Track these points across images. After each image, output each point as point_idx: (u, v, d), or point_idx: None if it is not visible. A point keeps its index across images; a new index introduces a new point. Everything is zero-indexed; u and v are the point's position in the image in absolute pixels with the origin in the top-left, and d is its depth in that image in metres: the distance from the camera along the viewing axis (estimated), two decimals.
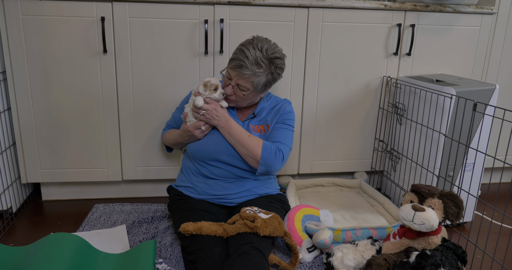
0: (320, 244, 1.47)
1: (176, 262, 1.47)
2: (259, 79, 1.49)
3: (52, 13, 1.67)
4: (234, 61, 1.49)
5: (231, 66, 1.50)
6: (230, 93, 1.52)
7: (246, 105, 1.61)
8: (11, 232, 1.68)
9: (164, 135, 1.74)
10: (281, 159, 1.55)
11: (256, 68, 1.46)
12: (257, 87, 1.51)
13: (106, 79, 1.78)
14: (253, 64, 1.45)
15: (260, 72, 1.47)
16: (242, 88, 1.50)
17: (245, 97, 1.53)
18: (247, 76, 1.47)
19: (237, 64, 1.47)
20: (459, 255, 1.29)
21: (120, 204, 1.91)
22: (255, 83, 1.49)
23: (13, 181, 1.82)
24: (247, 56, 1.45)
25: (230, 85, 1.51)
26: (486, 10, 1.97)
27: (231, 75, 1.50)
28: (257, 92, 1.55)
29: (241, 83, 1.49)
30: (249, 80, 1.48)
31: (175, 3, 1.73)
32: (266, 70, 1.49)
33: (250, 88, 1.50)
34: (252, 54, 1.45)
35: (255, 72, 1.46)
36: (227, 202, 1.60)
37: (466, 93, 1.63)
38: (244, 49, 1.47)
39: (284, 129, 1.61)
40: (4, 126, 1.75)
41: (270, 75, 1.51)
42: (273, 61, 1.50)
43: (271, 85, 1.57)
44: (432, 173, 1.72)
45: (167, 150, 1.80)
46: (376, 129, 2.08)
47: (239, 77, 1.48)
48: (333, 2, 1.83)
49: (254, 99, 1.59)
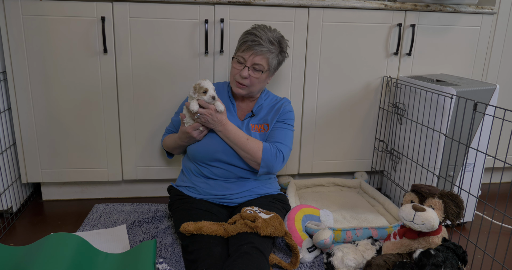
0: (321, 244, 1.47)
1: (177, 262, 1.47)
2: (273, 57, 1.55)
3: (52, 13, 1.67)
4: (246, 42, 1.53)
5: (243, 49, 1.54)
6: (246, 76, 1.53)
7: (256, 92, 1.62)
8: (12, 232, 1.68)
9: (164, 140, 1.73)
10: (282, 160, 1.55)
11: (270, 45, 1.52)
12: (271, 65, 1.56)
13: (106, 79, 1.78)
14: (267, 41, 1.52)
15: (273, 49, 1.54)
16: (258, 68, 1.53)
17: (260, 79, 1.56)
18: (263, 52, 1.51)
19: (251, 43, 1.51)
20: (460, 255, 1.29)
21: (121, 204, 1.91)
22: (270, 61, 1.54)
23: (13, 181, 1.82)
24: (259, 36, 1.51)
25: (245, 67, 1.53)
26: (486, 10, 1.97)
27: (245, 57, 1.53)
28: (270, 72, 1.59)
29: (257, 61, 1.52)
30: (264, 56, 1.52)
31: (175, 3, 1.73)
32: (277, 48, 1.56)
33: (266, 67, 1.54)
34: (263, 33, 1.52)
35: (269, 48, 1.52)
36: (227, 202, 1.60)
37: (467, 93, 1.63)
38: (254, 31, 1.53)
39: (284, 129, 1.61)
40: (4, 126, 1.75)
41: (280, 55, 1.58)
42: (281, 40, 1.57)
43: (279, 66, 1.63)
44: (432, 173, 1.72)
45: (168, 155, 1.79)
46: (377, 129, 2.08)
47: (255, 56, 1.52)
48: (333, 2, 1.83)
49: (264, 84, 1.62)
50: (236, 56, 1.56)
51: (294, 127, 1.97)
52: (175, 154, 1.76)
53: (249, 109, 1.68)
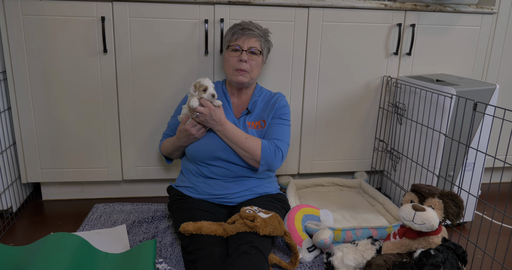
0: (320, 244, 1.47)
1: (176, 261, 1.47)
2: (263, 41, 1.63)
3: (52, 13, 1.67)
4: (236, 31, 1.60)
5: (236, 38, 1.60)
6: (245, 59, 1.58)
7: (255, 78, 1.65)
8: (11, 232, 1.68)
9: (162, 145, 1.72)
10: (281, 157, 1.56)
11: (258, 30, 1.61)
12: (264, 49, 1.63)
13: (106, 79, 1.78)
14: (254, 27, 1.61)
15: (262, 34, 1.62)
16: (255, 51, 1.60)
17: (257, 62, 1.61)
18: (255, 35, 1.60)
19: (241, 30, 1.59)
20: (460, 255, 1.29)
21: (120, 204, 1.91)
22: (262, 45, 1.63)
23: (13, 181, 1.82)
24: (247, 24, 1.62)
25: (243, 52, 1.58)
26: (486, 10, 1.97)
27: (240, 44, 1.59)
28: (264, 57, 1.66)
29: (252, 44, 1.59)
30: (257, 39, 1.61)
31: (175, 3, 1.73)
32: (265, 35, 1.65)
33: (260, 49, 1.62)
34: (248, 23, 1.63)
35: (258, 33, 1.61)
36: (227, 201, 1.60)
37: (466, 93, 1.63)
38: (239, 23, 1.64)
39: (281, 124, 1.62)
40: (4, 126, 1.75)
41: (267, 42, 1.66)
42: (265, 29, 1.67)
43: (268, 52, 1.70)
44: (432, 173, 1.72)
45: (167, 160, 1.78)
46: (376, 129, 2.08)
47: (249, 39, 1.59)
48: (333, 2, 1.83)
49: (260, 71, 1.66)
50: (231, 45, 1.60)
51: (294, 127, 1.97)
52: (174, 158, 1.76)
53: (244, 105, 1.68)
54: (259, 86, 1.75)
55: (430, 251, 1.25)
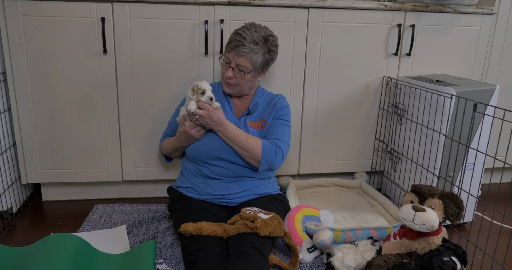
0: (321, 245, 1.46)
1: (176, 262, 1.47)
2: (257, 57, 1.54)
3: (52, 13, 1.67)
4: (231, 43, 1.54)
5: (228, 49, 1.55)
6: (231, 76, 1.55)
7: (246, 90, 1.62)
8: (11, 233, 1.68)
9: (162, 144, 1.73)
10: (281, 157, 1.56)
11: (253, 45, 1.52)
12: (256, 65, 1.55)
13: (106, 80, 1.78)
14: (250, 42, 1.51)
15: (257, 49, 1.53)
16: (242, 69, 1.54)
17: (245, 78, 1.56)
18: (246, 53, 1.51)
19: (235, 44, 1.52)
20: (460, 255, 1.29)
21: (120, 205, 1.91)
22: (254, 61, 1.54)
23: (13, 181, 1.82)
24: (243, 37, 1.52)
25: (230, 67, 1.55)
26: (486, 10, 1.97)
27: (229, 58, 1.54)
28: (256, 72, 1.58)
29: (240, 62, 1.52)
30: (247, 57, 1.52)
31: (175, 4, 1.73)
32: (263, 47, 1.55)
33: (250, 67, 1.54)
34: (248, 34, 1.52)
35: (252, 49, 1.52)
36: (227, 202, 1.60)
37: (466, 93, 1.63)
38: (240, 32, 1.54)
39: (281, 125, 1.62)
40: (4, 127, 1.75)
41: (267, 54, 1.57)
42: (268, 39, 1.56)
43: (269, 64, 1.62)
44: (432, 173, 1.72)
45: (166, 160, 1.78)
46: (376, 130, 2.08)
47: (237, 56, 1.52)
48: (333, 2, 1.83)
49: (254, 82, 1.62)
50: (223, 56, 1.58)
51: (294, 127, 1.97)
52: (174, 158, 1.76)
53: (245, 106, 1.68)
54: (261, 87, 1.74)
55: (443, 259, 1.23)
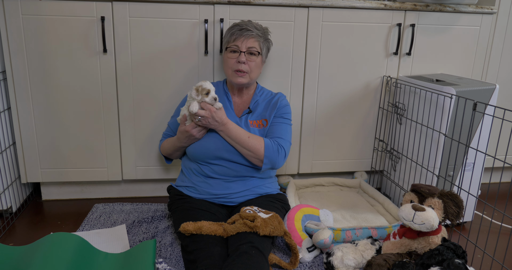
0: (320, 244, 1.47)
1: (176, 261, 1.47)
2: (262, 41, 1.61)
3: (52, 13, 1.67)
4: (235, 32, 1.59)
5: (234, 38, 1.58)
6: (244, 60, 1.57)
7: (255, 78, 1.65)
8: (11, 232, 1.68)
9: (162, 145, 1.72)
10: (284, 155, 1.57)
11: (256, 29, 1.60)
12: (262, 49, 1.62)
13: (106, 79, 1.78)
14: (253, 27, 1.59)
15: (261, 34, 1.61)
16: (253, 52, 1.59)
17: (256, 63, 1.60)
18: (254, 35, 1.58)
19: (240, 31, 1.58)
20: (459, 255, 1.29)
21: (120, 204, 1.91)
22: (261, 45, 1.61)
23: (13, 180, 1.82)
24: (245, 24, 1.60)
25: (241, 53, 1.57)
26: (486, 10, 1.97)
27: (238, 45, 1.58)
28: (263, 57, 1.65)
29: (250, 44, 1.58)
30: (256, 39, 1.59)
31: (175, 3, 1.73)
32: (263, 34, 1.63)
33: (259, 50, 1.60)
34: (247, 23, 1.61)
35: (257, 33, 1.59)
36: (227, 201, 1.60)
37: (466, 92, 1.63)
38: (238, 23, 1.62)
39: (283, 123, 1.63)
40: (4, 126, 1.75)
41: (266, 42, 1.65)
42: (264, 28, 1.65)
43: (268, 51, 1.69)
44: (432, 172, 1.72)
45: (166, 161, 1.78)
46: (376, 129, 2.08)
47: (247, 40, 1.58)
48: (333, 2, 1.83)
49: (259, 71, 1.66)
50: (229, 46, 1.60)
51: (294, 127, 1.97)
52: (174, 159, 1.76)
53: (245, 105, 1.68)
54: (260, 86, 1.75)
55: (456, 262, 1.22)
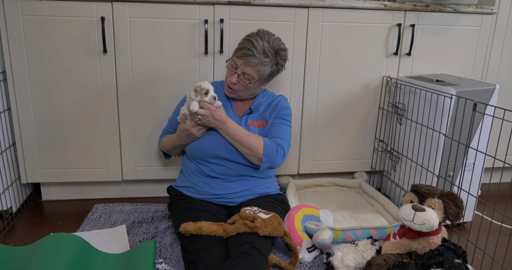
0: (320, 244, 1.47)
1: (176, 262, 1.47)
2: (265, 69, 1.53)
3: (52, 13, 1.67)
4: (242, 50, 1.52)
5: (238, 55, 1.53)
6: (235, 82, 1.54)
7: (246, 96, 1.62)
8: (11, 232, 1.68)
9: (161, 141, 1.73)
10: (282, 155, 1.57)
11: (263, 57, 1.51)
12: (262, 76, 1.54)
13: (106, 79, 1.78)
14: (261, 53, 1.50)
15: (267, 62, 1.52)
16: (247, 77, 1.53)
17: (249, 87, 1.55)
18: (254, 64, 1.50)
19: (245, 52, 1.50)
20: (459, 255, 1.29)
21: (120, 204, 1.91)
22: (261, 72, 1.53)
23: (13, 181, 1.82)
24: (255, 46, 1.50)
25: (235, 73, 1.53)
26: (486, 10, 1.97)
27: (237, 64, 1.53)
28: (261, 82, 1.58)
29: (247, 71, 1.52)
30: (255, 68, 1.51)
31: (175, 3, 1.73)
32: (272, 60, 1.54)
33: (255, 77, 1.53)
34: (260, 44, 1.50)
35: (262, 61, 1.51)
36: (227, 201, 1.60)
37: (466, 93, 1.63)
38: (252, 39, 1.51)
39: (282, 124, 1.63)
40: (4, 126, 1.75)
41: (275, 66, 1.56)
42: (279, 52, 1.55)
43: (274, 76, 1.61)
44: (432, 173, 1.72)
45: (165, 157, 1.78)
46: (376, 129, 2.08)
47: (246, 65, 1.51)
48: (333, 2, 1.83)
49: (256, 91, 1.62)
50: (231, 60, 1.56)
51: (294, 127, 1.97)
52: (172, 155, 1.76)
53: (247, 106, 1.68)
54: (264, 88, 1.74)
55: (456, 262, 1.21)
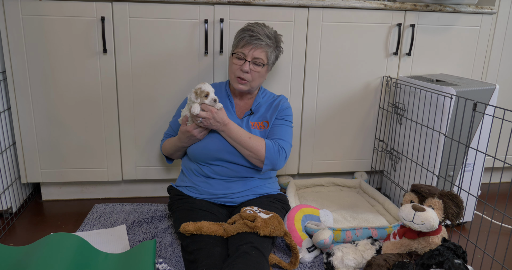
0: (320, 244, 1.47)
1: (176, 262, 1.47)
2: (271, 51, 1.58)
3: (52, 13, 1.67)
4: (244, 38, 1.56)
5: (242, 44, 1.56)
6: (247, 70, 1.56)
7: (256, 87, 1.64)
8: (11, 232, 1.68)
9: (163, 145, 1.72)
10: (284, 156, 1.57)
11: (267, 39, 1.56)
12: (269, 59, 1.59)
13: (106, 79, 1.78)
14: (265, 36, 1.55)
15: (271, 43, 1.57)
16: (259, 62, 1.56)
17: (260, 73, 1.58)
18: (262, 46, 1.55)
19: (250, 39, 1.54)
20: (459, 255, 1.29)
21: (120, 204, 1.91)
22: (268, 55, 1.58)
23: (13, 181, 1.82)
24: (257, 31, 1.55)
25: (246, 62, 1.55)
26: (486, 10, 1.97)
27: (245, 52, 1.55)
28: (269, 67, 1.62)
29: (257, 55, 1.55)
30: (264, 50, 1.56)
31: (175, 3, 1.73)
32: (274, 43, 1.60)
33: (265, 61, 1.57)
34: (259, 29, 1.56)
35: (267, 42, 1.56)
36: (227, 201, 1.60)
37: (466, 93, 1.63)
38: (250, 28, 1.57)
39: (284, 125, 1.63)
40: (4, 126, 1.75)
41: (276, 50, 1.62)
42: (276, 35, 1.61)
43: (275, 61, 1.67)
44: (432, 173, 1.72)
45: (168, 160, 1.78)
46: (376, 129, 2.08)
47: (254, 50, 1.55)
48: (333, 2, 1.83)
49: (262, 79, 1.64)
50: (236, 52, 1.58)
51: (294, 127, 1.97)
52: (175, 159, 1.76)
53: (248, 107, 1.68)
54: (263, 88, 1.75)
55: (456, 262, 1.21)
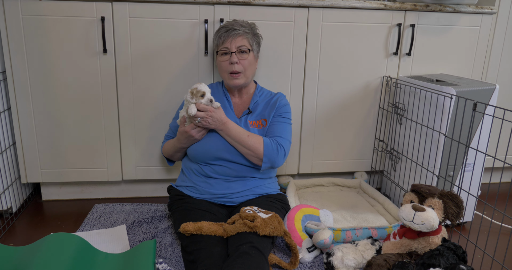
0: (320, 244, 1.47)
1: (176, 262, 1.47)
2: (250, 37, 1.61)
3: (52, 13, 1.67)
4: (223, 34, 1.59)
5: (222, 41, 1.59)
6: (236, 61, 1.58)
7: (251, 77, 1.65)
8: (11, 232, 1.68)
9: (163, 147, 1.73)
10: (283, 154, 1.57)
11: (243, 27, 1.60)
12: (252, 45, 1.62)
13: (106, 79, 1.78)
14: (239, 25, 1.59)
15: (247, 30, 1.61)
16: (243, 49, 1.59)
17: (249, 61, 1.60)
18: (240, 33, 1.58)
19: (226, 32, 1.58)
20: (459, 255, 1.29)
21: (120, 204, 1.91)
22: (250, 41, 1.61)
23: (13, 181, 1.82)
24: (231, 24, 1.60)
25: (232, 54, 1.57)
26: (486, 10, 1.97)
27: (228, 46, 1.58)
28: (255, 53, 1.64)
29: (239, 43, 1.58)
30: (243, 37, 1.59)
31: (175, 3, 1.73)
32: (250, 30, 1.62)
33: (249, 46, 1.60)
34: (232, 22, 1.61)
35: (243, 30, 1.59)
36: (227, 201, 1.60)
37: (466, 93, 1.63)
38: (224, 25, 1.62)
39: (282, 122, 1.63)
40: (4, 126, 1.75)
41: (255, 37, 1.65)
42: (250, 24, 1.65)
43: (259, 48, 1.69)
44: (432, 173, 1.72)
45: (169, 162, 1.78)
46: (376, 129, 2.08)
47: (235, 39, 1.57)
48: (333, 2, 1.83)
49: (255, 67, 1.67)
50: (219, 50, 1.60)
51: (294, 127, 1.97)
52: (176, 160, 1.76)
53: (245, 106, 1.68)
54: (260, 86, 1.75)
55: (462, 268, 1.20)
